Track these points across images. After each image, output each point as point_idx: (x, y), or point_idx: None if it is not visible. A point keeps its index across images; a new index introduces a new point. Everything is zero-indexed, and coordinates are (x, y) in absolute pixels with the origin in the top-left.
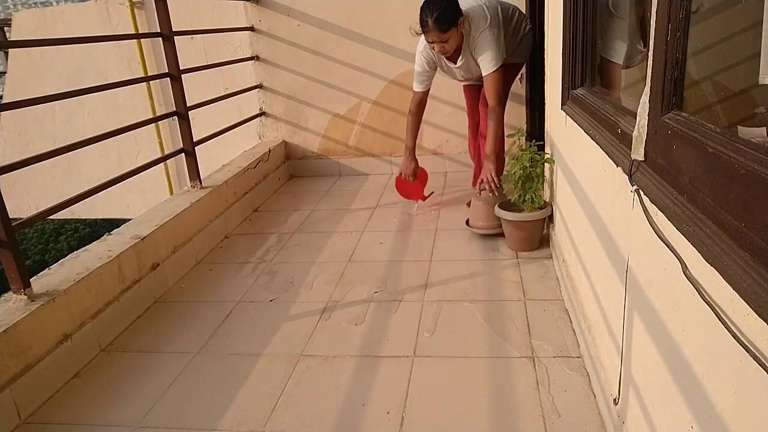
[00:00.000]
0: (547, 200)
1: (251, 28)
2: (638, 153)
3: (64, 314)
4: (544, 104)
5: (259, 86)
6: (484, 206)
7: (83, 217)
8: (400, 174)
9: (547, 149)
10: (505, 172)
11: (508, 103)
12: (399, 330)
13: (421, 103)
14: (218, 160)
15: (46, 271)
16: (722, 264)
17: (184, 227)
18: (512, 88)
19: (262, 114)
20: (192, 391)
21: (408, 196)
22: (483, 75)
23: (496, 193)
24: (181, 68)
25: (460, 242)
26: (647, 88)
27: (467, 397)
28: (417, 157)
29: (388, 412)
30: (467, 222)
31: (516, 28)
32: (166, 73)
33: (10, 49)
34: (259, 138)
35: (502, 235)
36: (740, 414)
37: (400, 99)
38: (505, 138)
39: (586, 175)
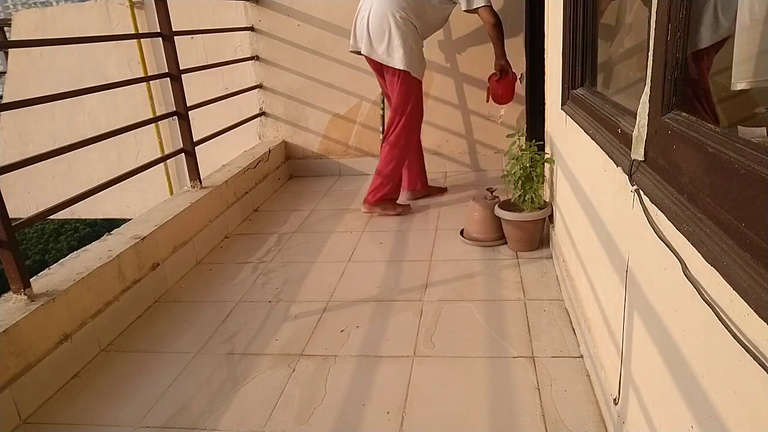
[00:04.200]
0: (547, 200)
1: (251, 28)
2: (638, 153)
3: (64, 314)
4: (544, 104)
5: (259, 86)
6: (479, 217)
7: (83, 217)
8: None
9: (547, 149)
10: (504, 172)
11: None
12: (399, 330)
13: None
14: (218, 160)
15: (46, 271)
16: (722, 264)
17: (184, 227)
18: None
19: (262, 114)
20: (192, 391)
21: (505, 99)
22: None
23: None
24: (181, 68)
25: (460, 242)
26: (647, 88)
27: (467, 397)
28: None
29: (388, 412)
30: (461, 233)
31: None
32: (166, 73)
33: (10, 49)
34: (259, 138)
35: (499, 244)
36: (740, 414)
37: None
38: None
39: (586, 175)
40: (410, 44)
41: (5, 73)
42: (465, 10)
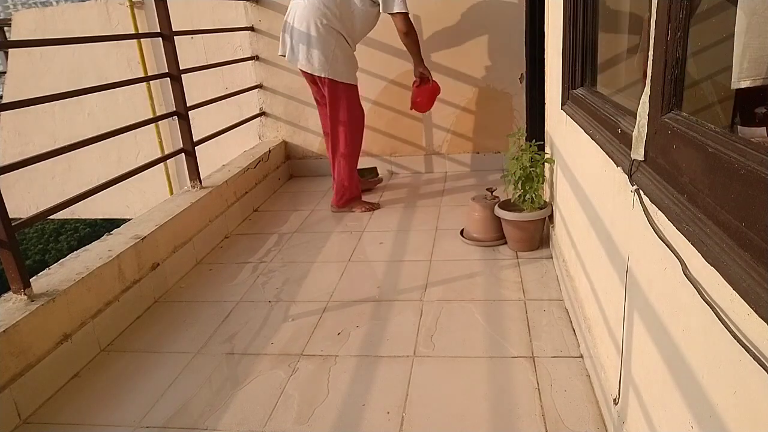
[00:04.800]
0: (547, 200)
1: (251, 28)
2: (638, 153)
3: (64, 314)
4: (544, 104)
5: (259, 86)
6: (479, 217)
7: (83, 217)
8: (419, 84)
9: (547, 149)
10: (504, 172)
11: (509, 101)
12: (399, 330)
13: None
14: (218, 160)
15: (46, 271)
16: (722, 264)
17: (184, 227)
18: (513, 89)
19: (262, 114)
20: (192, 391)
21: (423, 106)
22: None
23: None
24: (181, 68)
25: (459, 242)
26: (647, 88)
27: (467, 397)
28: (417, 156)
29: (388, 412)
30: (461, 233)
31: None
32: (166, 73)
33: (10, 49)
34: (259, 138)
35: (499, 244)
36: (740, 414)
37: (400, 99)
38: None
39: (586, 175)
40: (332, 50)
41: (5, 73)
42: (383, 12)
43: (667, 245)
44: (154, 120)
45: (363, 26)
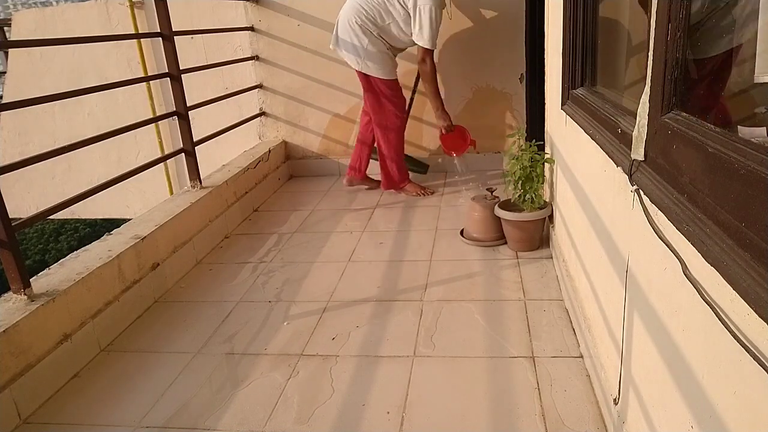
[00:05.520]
0: (547, 200)
1: (251, 28)
2: (638, 153)
3: (64, 314)
4: (544, 104)
5: (259, 86)
6: (479, 217)
7: (83, 217)
8: (443, 131)
9: (547, 149)
10: (505, 172)
11: (509, 101)
12: (399, 330)
13: None
14: (218, 160)
15: (46, 271)
16: (722, 264)
17: (184, 227)
18: (513, 89)
19: (262, 114)
20: (192, 391)
21: (453, 149)
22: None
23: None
24: (181, 68)
25: (460, 242)
26: (647, 88)
27: (467, 397)
28: (417, 156)
29: (388, 412)
30: (461, 233)
31: None
32: (166, 73)
33: (10, 49)
34: (259, 138)
35: (499, 244)
36: (740, 414)
37: None
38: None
39: (586, 175)
40: (364, 47)
41: (5, 73)
42: (412, 38)
43: (667, 245)
44: (154, 120)
45: (397, 41)
